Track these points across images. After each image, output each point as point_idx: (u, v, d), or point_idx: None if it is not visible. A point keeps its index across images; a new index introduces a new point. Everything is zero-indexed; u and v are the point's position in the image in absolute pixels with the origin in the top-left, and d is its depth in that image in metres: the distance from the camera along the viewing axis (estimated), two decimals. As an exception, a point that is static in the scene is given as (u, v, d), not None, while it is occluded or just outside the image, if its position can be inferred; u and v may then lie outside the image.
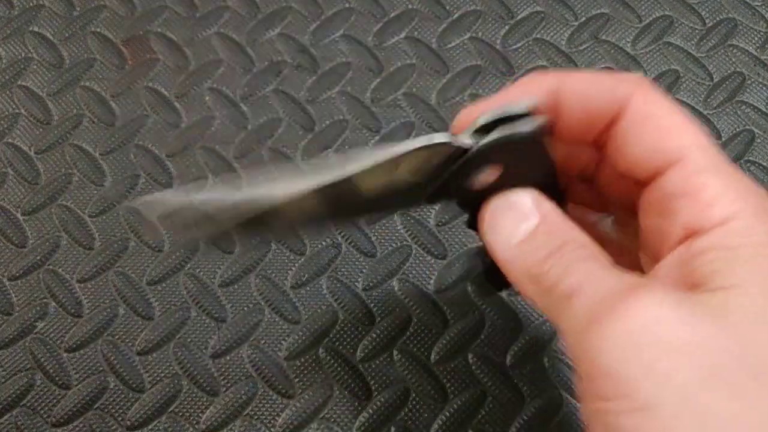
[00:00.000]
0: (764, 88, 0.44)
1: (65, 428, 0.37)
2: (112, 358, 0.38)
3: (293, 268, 0.40)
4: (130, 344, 0.38)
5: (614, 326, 0.21)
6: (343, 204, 0.27)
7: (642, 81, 0.25)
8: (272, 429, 0.37)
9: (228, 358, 0.38)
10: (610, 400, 0.20)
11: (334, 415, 0.37)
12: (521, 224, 0.25)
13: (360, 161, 0.25)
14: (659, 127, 0.24)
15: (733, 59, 0.45)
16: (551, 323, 0.24)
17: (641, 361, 0.20)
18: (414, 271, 0.40)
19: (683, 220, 0.23)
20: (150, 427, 0.37)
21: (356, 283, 0.39)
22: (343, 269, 0.40)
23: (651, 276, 0.24)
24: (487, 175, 0.26)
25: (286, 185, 0.26)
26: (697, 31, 0.46)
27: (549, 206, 0.25)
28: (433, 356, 0.38)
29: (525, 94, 0.25)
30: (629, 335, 0.21)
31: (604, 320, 0.21)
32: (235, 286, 0.39)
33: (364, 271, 0.40)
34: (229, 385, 0.38)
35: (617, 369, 0.20)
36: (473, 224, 0.28)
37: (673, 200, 0.23)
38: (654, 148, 0.24)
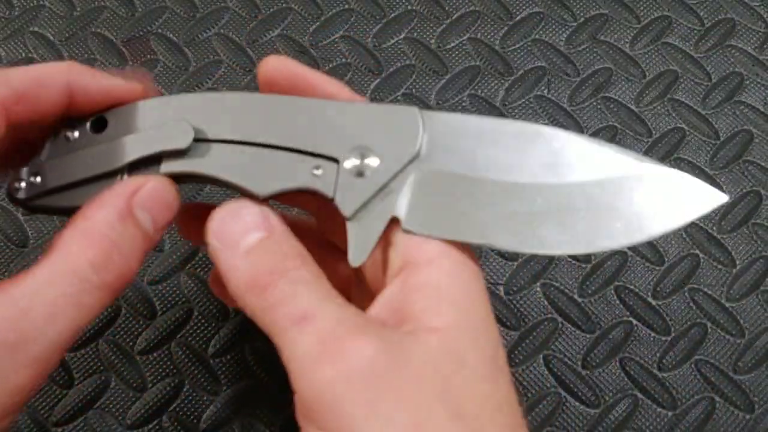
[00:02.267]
0: (762, 88, 0.44)
1: (66, 427, 0.37)
2: (113, 357, 0.38)
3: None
4: (131, 343, 0.38)
5: (342, 365, 0.22)
6: None
7: None
8: (273, 428, 0.37)
9: (229, 357, 0.38)
10: (337, 431, 0.22)
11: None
12: (250, 234, 0.25)
13: None
14: None
15: (732, 59, 0.45)
16: (268, 334, 0.25)
17: (363, 401, 0.22)
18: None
19: (402, 252, 0.25)
20: (150, 426, 0.37)
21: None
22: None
23: (371, 309, 0.25)
24: None
25: None
26: (695, 31, 0.46)
27: (277, 221, 0.26)
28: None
29: None
30: (353, 374, 0.22)
31: (335, 356, 0.22)
32: (236, 286, 0.40)
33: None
34: (230, 383, 0.38)
35: (342, 406, 0.22)
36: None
37: (392, 232, 0.26)
38: None
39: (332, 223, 0.30)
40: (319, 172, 0.26)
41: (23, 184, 0.28)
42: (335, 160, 0.26)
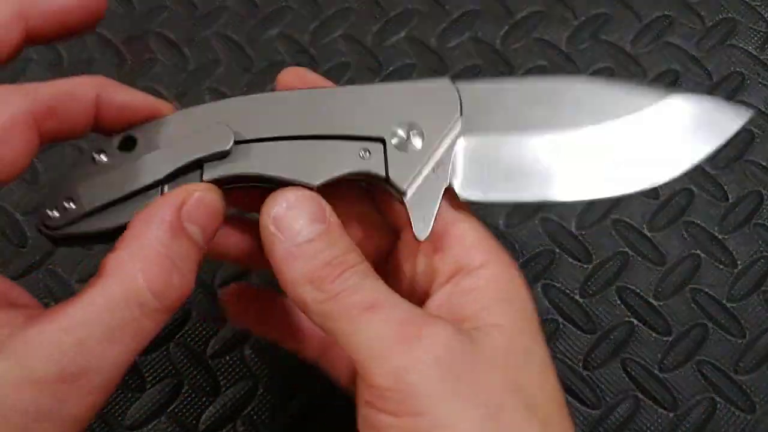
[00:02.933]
0: (763, 87, 0.44)
1: (65, 428, 0.37)
2: (112, 358, 0.38)
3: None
4: (129, 344, 0.38)
5: (419, 351, 0.23)
6: None
7: None
8: (272, 428, 0.37)
9: (228, 357, 0.38)
10: (414, 416, 0.22)
11: (334, 414, 0.37)
12: (311, 225, 0.25)
13: None
14: None
15: (733, 59, 0.45)
16: (323, 327, 0.25)
17: (441, 387, 0.22)
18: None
19: (453, 258, 0.26)
20: (150, 426, 0.37)
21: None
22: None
23: (426, 308, 0.26)
24: None
25: None
26: (696, 30, 0.46)
27: (335, 216, 0.26)
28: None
29: None
30: (431, 360, 0.23)
31: (413, 341, 0.23)
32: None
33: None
34: (229, 384, 0.38)
35: (420, 390, 0.22)
36: None
37: (441, 240, 0.26)
38: None
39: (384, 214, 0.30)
40: (366, 154, 0.26)
41: (56, 213, 0.26)
42: (381, 141, 0.27)
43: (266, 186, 0.27)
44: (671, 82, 0.44)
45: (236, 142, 0.26)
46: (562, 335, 0.39)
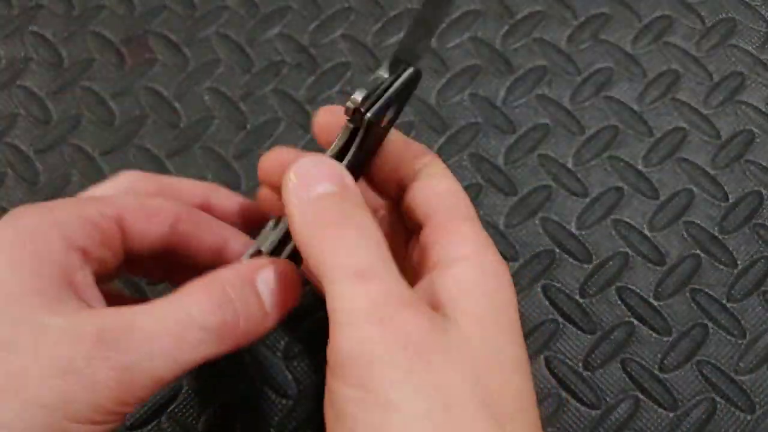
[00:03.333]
0: (764, 87, 0.44)
1: (64, 428, 0.37)
2: (112, 358, 0.38)
3: (293, 268, 0.40)
4: (129, 344, 0.38)
5: (389, 330, 0.23)
6: None
7: (434, 156, 0.30)
8: (272, 428, 0.37)
9: (228, 357, 0.38)
10: (362, 389, 0.22)
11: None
12: (325, 183, 0.26)
13: None
14: (431, 188, 0.29)
15: (733, 59, 0.45)
16: (311, 280, 0.27)
17: (400, 369, 0.23)
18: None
19: (439, 250, 0.27)
20: (150, 427, 0.37)
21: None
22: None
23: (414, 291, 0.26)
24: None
25: None
26: (696, 30, 0.46)
27: (352, 182, 0.27)
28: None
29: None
30: (398, 342, 0.23)
31: (385, 320, 0.23)
32: (235, 286, 0.39)
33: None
34: (229, 384, 0.38)
35: (378, 367, 0.22)
36: None
37: (437, 232, 0.27)
38: (428, 200, 0.29)
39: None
40: None
41: None
42: None
43: None
44: (671, 82, 0.44)
45: None
46: (562, 335, 0.38)
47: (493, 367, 0.24)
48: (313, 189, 0.26)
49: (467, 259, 0.26)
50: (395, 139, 0.30)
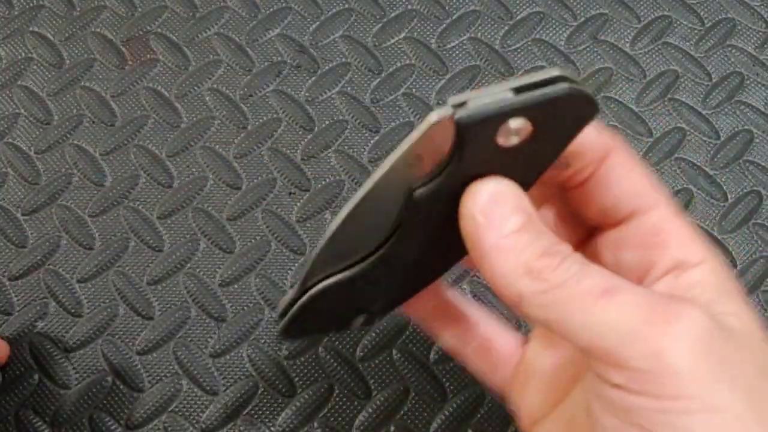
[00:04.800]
0: (763, 88, 0.44)
1: (64, 428, 0.37)
2: (112, 357, 0.38)
3: (293, 268, 0.40)
4: (130, 344, 0.38)
5: (680, 329, 0.22)
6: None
7: (617, 137, 0.27)
8: (272, 428, 0.37)
9: (228, 357, 0.38)
10: (677, 399, 0.21)
11: (334, 415, 0.37)
12: (513, 216, 0.23)
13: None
14: (638, 176, 0.26)
15: (732, 59, 0.45)
16: (543, 319, 0.23)
17: (706, 368, 0.21)
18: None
19: (673, 253, 0.25)
20: (150, 426, 0.37)
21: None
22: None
23: None
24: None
25: None
26: (695, 31, 0.46)
27: (532, 206, 0.24)
28: (432, 355, 0.38)
29: None
30: (695, 341, 0.21)
31: (671, 320, 0.22)
32: (235, 286, 0.39)
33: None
34: (229, 384, 0.38)
35: (685, 371, 0.21)
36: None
37: (659, 235, 0.25)
38: (635, 192, 0.26)
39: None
40: None
41: None
42: None
43: None
44: (670, 82, 0.44)
45: None
46: (562, 335, 0.39)
47: (765, 357, 0.23)
48: (504, 227, 0.23)
49: (705, 263, 0.25)
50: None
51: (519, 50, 0.45)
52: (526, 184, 0.25)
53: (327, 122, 0.43)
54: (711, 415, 0.21)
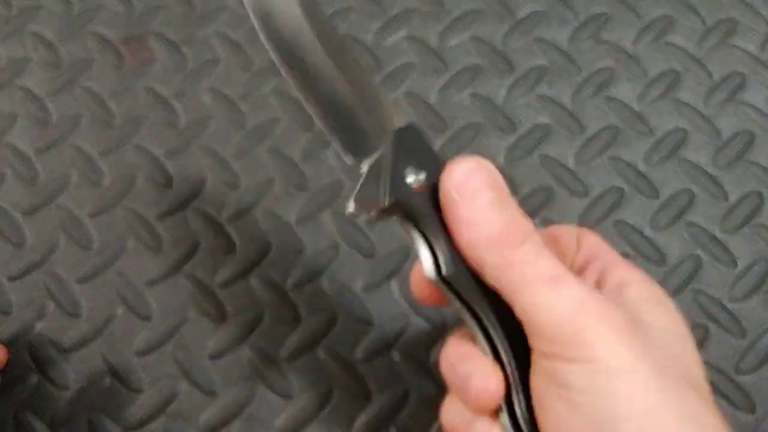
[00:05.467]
0: (764, 87, 0.44)
1: (63, 428, 0.37)
2: (111, 358, 0.38)
3: (294, 269, 0.40)
4: (128, 344, 0.38)
5: (606, 317, 0.25)
6: None
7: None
8: (271, 429, 0.37)
9: (227, 358, 0.38)
10: (590, 362, 0.24)
11: (333, 416, 0.37)
12: (484, 192, 0.26)
13: None
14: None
15: (734, 59, 0.45)
16: (498, 288, 0.26)
17: (625, 342, 0.25)
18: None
19: (614, 275, 0.29)
20: (148, 427, 0.37)
21: (355, 284, 0.39)
22: (342, 270, 0.40)
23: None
24: None
25: None
26: (697, 30, 0.46)
27: (505, 186, 0.27)
28: (431, 358, 0.38)
29: None
30: (613, 324, 0.25)
31: (600, 309, 0.25)
32: (234, 287, 0.39)
33: (363, 271, 0.40)
34: (227, 385, 0.38)
35: (604, 340, 0.25)
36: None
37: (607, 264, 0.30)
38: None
39: None
40: None
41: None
42: None
43: None
44: (672, 81, 0.44)
45: None
46: (563, 336, 0.38)
47: (688, 360, 0.27)
48: (479, 200, 0.26)
49: (643, 281, 0.28)
50: None
51: (520, 49, 0.45)
52: None
53: (326, 122, 0.43)
54: (615, 375, 0.24)
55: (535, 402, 0.26)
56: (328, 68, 0.29)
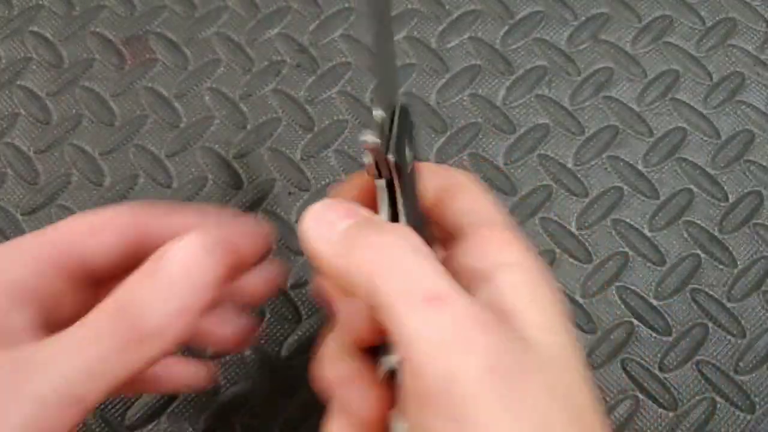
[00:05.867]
0: (764, 87, 0.44)
1: (65, 428, 0.37)
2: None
3: (294, 269, 0.40)
4: (129, 344, 0.38)
5: (477, 356, 0.22)
6: None
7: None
8: (271, 428, 0.37)
9: (227, 357, 0.38)
10: (459, 422, 0.21)
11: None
12: (346, 220, 0.24)
13: None
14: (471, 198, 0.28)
15: (733, 59, 0.45)
16: (365, 300, 0.23)
17: (496, 396, 0.22)
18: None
19: (493, 258, 0.25)
20: (150, 426, 0.37)
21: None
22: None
23: None
24: None
25: None
26: (696, 30, 0.46)
27: (371, 213, 0.25)
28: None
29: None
30: (489, 368, 0.22)
31: (471, 346, 0.22)
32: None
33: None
34: (228, 385, 0.38)
35: (473, 397, 0.21)
36: None
37: (482, 243, 0.26)
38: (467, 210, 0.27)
39: None
40: None
41: None
42: None
43: None
44: (671, 82, 0.44)
45: None
46: (562, 335, 0.39)
47: (572, 377, 0.23)
48: (334, 226, 0.24)
49: (519, 265, 0.25)
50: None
51: (519, 49, 0.45)
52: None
53: (327, 122, 0.43)
54: None
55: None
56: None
